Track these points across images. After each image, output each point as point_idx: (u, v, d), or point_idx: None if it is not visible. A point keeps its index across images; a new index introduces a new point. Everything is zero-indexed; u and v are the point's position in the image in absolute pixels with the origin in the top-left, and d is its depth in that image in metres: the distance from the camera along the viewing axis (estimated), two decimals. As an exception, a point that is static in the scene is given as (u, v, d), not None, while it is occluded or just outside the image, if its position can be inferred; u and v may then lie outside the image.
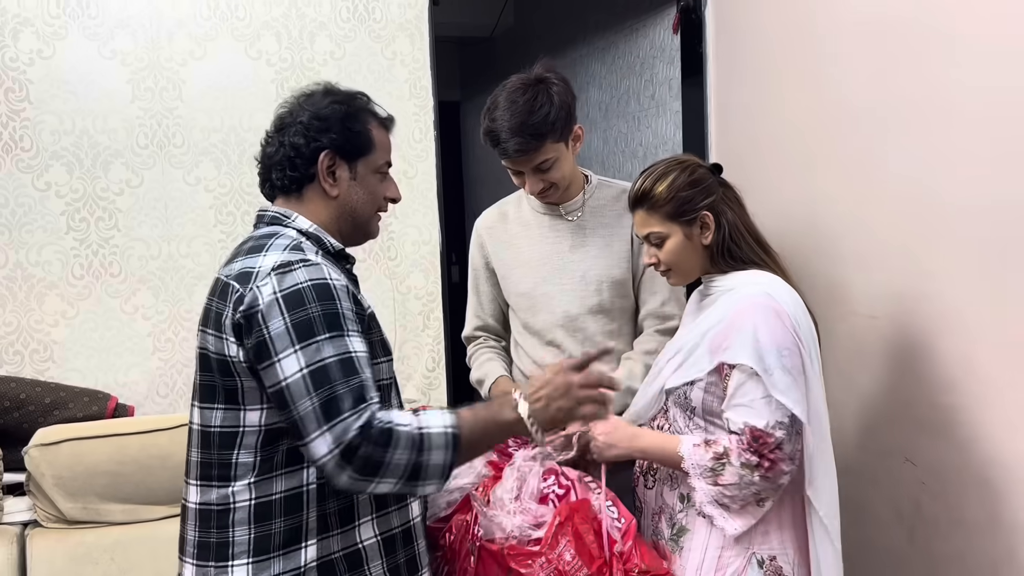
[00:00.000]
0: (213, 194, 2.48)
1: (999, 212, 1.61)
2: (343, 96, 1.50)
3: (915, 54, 1.79)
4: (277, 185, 1.48)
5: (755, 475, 1.50)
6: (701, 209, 1.62)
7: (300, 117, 1.46)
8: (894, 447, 1.92)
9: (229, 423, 1.39)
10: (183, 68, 2.43)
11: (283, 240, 1.41)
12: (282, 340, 1.30)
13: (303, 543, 1.37)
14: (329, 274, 1.36)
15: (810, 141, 2.14)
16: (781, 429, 1.50)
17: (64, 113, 2.34)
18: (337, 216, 1.49)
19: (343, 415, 1.28)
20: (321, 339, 1.30)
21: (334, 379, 1.29)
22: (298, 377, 1.28)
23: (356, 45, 2.57)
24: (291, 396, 1.29)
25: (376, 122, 1.52)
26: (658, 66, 2.93)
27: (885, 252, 1.91)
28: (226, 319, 1.35)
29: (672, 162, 1.68)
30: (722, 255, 1.64)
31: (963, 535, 1.74)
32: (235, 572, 1.37)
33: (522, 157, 1.86)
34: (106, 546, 2.17)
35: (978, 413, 1.68)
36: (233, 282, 1.37)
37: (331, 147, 1.45)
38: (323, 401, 1.28)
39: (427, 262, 2.69)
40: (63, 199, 2.36)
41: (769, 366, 1.50)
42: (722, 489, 1.53)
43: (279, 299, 1.31)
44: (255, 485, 1.37)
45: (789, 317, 1.54)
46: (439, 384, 2.69)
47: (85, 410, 2.29)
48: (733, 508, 1.54)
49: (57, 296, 2.37)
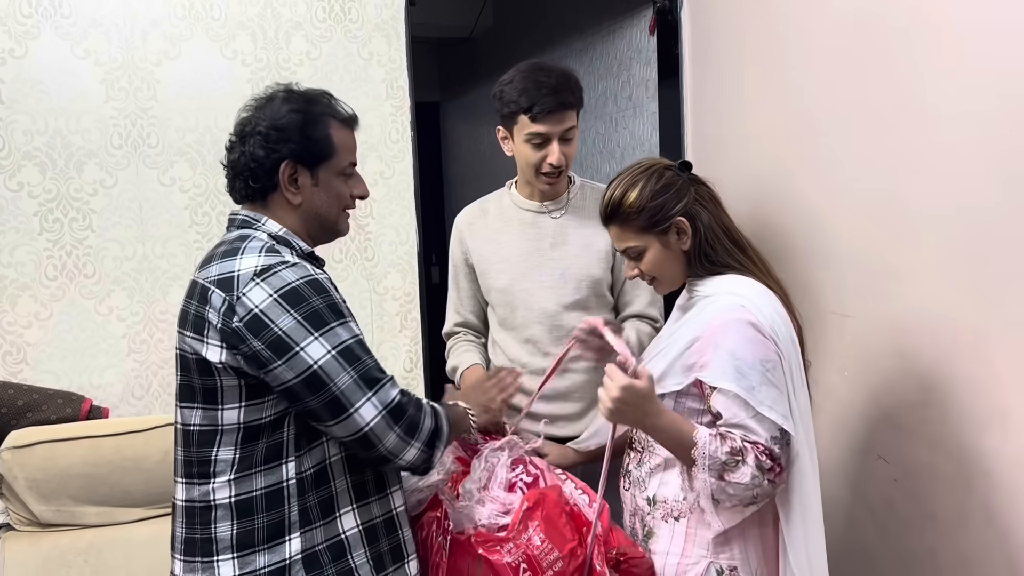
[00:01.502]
0: (188, 195, 2.46)
1: (967, 212, 1.63)
2: (302, 102, 1.50)
3: (884, 57, 1.81)
4: (241, 193, 1.50)
5: (765, 479, 1.46)
6: (674, 216, 1.57)
7: (259, 127, 1.46)
8: (866, 445, 1.94)
9: (208, 422, 1.41)
10: (158, 68, 2.42)
11: (256, 243, 1.43)
12: (298, 332, 1.34)
13: (287, 536, 1.40)
14: (313, 271, 1.41)
15: (783, 142, 2.15)
16: (775, 444, 1.48)
17: (37, 113, 2.32)
18: (304, 221, 1.51)
19: (381, 382, 1.39)
20: (335, 325, 1.37)
21: (361, 355, 1.39)
22: (329, 357, 1.35)
23: (332, 45, 2.56)
24: (327, 375, 1.35)
25: (338, 123, 1.52)
26: (635, 67, 2.94)
27: (856, 252, 1.93)
28: (209, 325, 1.37)
29: (638, 170, 1.62)
30: (699, 260, 1.59)
31: (934, 531, 1.76)
32: (221, 568, 1.39)
33: (560, 113, 1.91)
34: (80, 549, 2.15)
35: (949, 410, 1.70)
36: (214, 287, 1.38)
37: (291, 157, 1.46)
38: (361, 372, 1.37)
39: (404, 263, 2.69)
40: (36, 199, 2.33)
41: (753, 383, 1.46)
42: (725, 486, 1.46)
43: (277, 299, 1.35)
44: (235, 482, 1.39)
45: (768, 328, 1.49)
46: (416, 385, 2.69)
47: (59, 412, 2.27)
48: (727, 506, 1.51)
49: (30, 297, 2.35)
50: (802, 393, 1.55)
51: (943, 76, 1.66)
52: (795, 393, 1.52)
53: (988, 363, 1.61)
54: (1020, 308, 1.53)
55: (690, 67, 2.58)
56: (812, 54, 2.03)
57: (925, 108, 1.71)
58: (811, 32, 2.03)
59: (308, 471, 1.41)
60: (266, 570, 1.38)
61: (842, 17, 1.92)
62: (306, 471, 1.41)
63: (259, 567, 1.38)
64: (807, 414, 1.57)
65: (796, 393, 1.52)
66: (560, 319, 2.02)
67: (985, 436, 1.63)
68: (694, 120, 2.59)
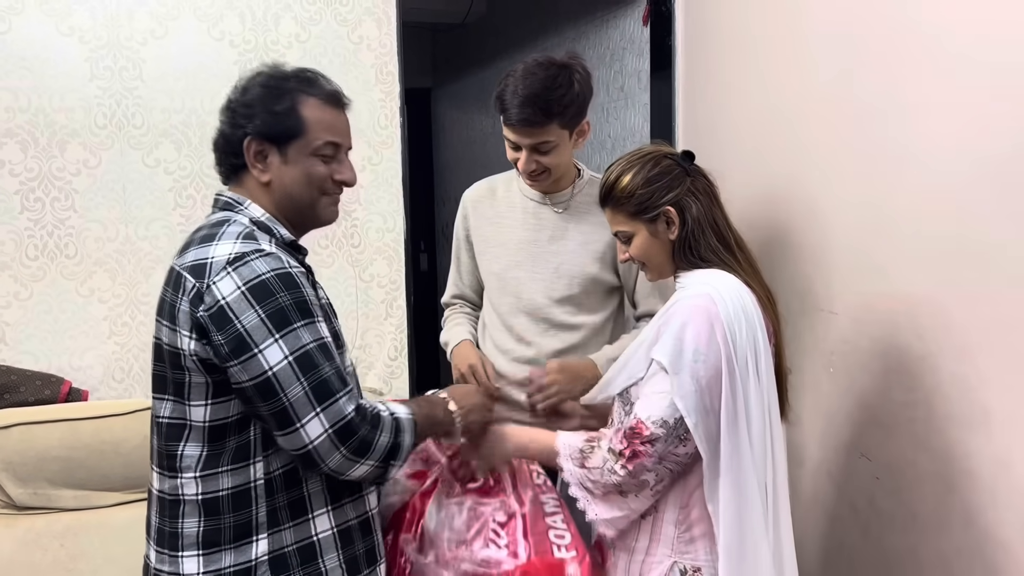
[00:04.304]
0: (173, 176, 2.43)
1: (955, 210, 1.62)
2: (276, 78, 1.44)
3: (876, 50, 1.79)
4: (220, 171, 1.47)
5: (617, 463, 1.47)
6: (663, 205, 1.56)
7: (231, 103, 1.43)
8: (850, 442, 1.93)
9: (177, 415, 1.38)
10: (143, 47, 2.38)
11: (235, 228, 1.38)
12: (259, 331, 1.29)
13: (254, 537, 1.36)
14: (288, 262, 1.35)
15: (774, 135, 2.14)
16: (662, 427, 1.45)
17: (20, 90, 2.28)
18: (277, 202, 1.44)
19: (335, 396, 1.31)
20: (298, 326, 1.31)
21: (319, 363, 1.31)
22: (284, 364, 1.29)
23: (322, 28, 2.53)
24: (279, 384, 1.29)
25: (314, 100, 1.44)
26: (628, 58, 2.92)
27: (844, 248, 1.92)
28: (180, 312, 1.33)
29: (636, 156, 1.62)
30: (683, 251, 1.58)
31: (916, 530, 1.76)
32: (186, 564, 1.37)
33: (525, 128, 1.84)
34: (56, 532, 2.13)
35: (933, 409, 1.69)
36: (187, 274, 1.34)
37: (254, 133, 1.40)
38: (314, 384, 1.30)
39: (391, 250, 2.66)
40: (17, 178, 2.30)
41: (680, 367, 1.45)
42: (587, 472, 1.52)
43: (244, 292, 1.29)
44: (201, 480, 1.36)
45: (723, 326, 1.46)
46: (401, 373, 2.67)
47: (37, 394, 2.24)
48: (596, 494, 1.52)
49: (10, 277, 2.31)
50: (756, 390, 1.48)
51: (934, 70, 1.65)
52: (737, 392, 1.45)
53: (973, 362, 1.60)
54: (1007, 308, 1.52)
55: (683, 59, 2.56)
56: (805, 47, 2.02)
57: (916, 103, 1.70)
58: (804, 25, 2.02)
59: (277, 471, 1.38)
60: (231, 570, 1.35)
61: (835, 9, 1.91)
62: (275, 471, 1.37)
63: (224, 566, 1.35)
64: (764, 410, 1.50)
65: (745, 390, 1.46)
66: (547, 312, 2.00)
67: (968, 435, 1.62)
68: (685, 112, 2.57)
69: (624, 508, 1.52)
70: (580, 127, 1.92)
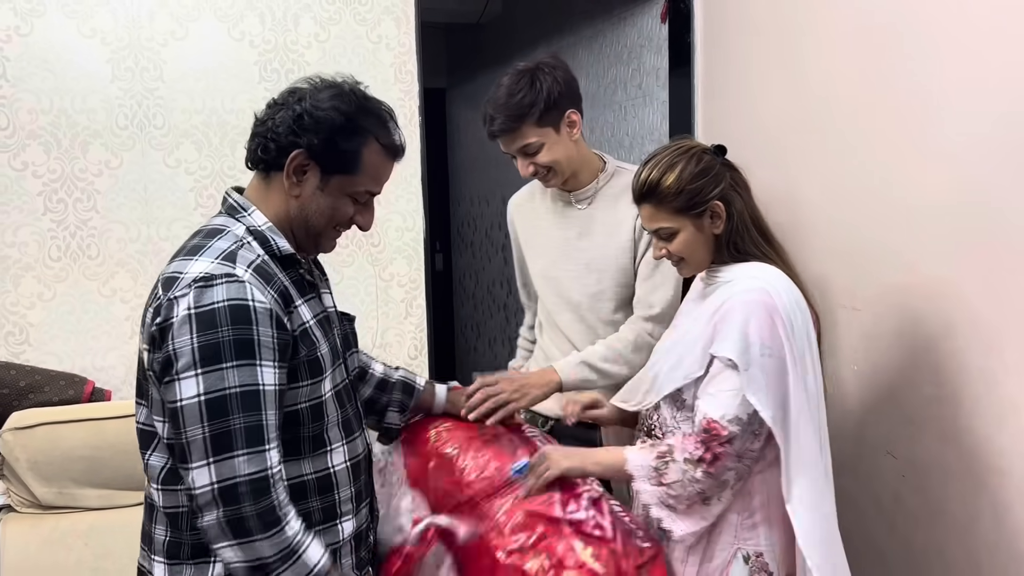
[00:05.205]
0: (194, 177, 2.44)
1: (980, 205, 1.61)
2: (352, 106, 1.37)
3: (898, 47, 1.78)
4: (251, 155, 1.40)
5: (697, 471, 1.46)
6: (711, 200, 1.56)
7: (300, 104, 1.36)
8: (876, 440, 1.92)
9: (148, 423, 1.36)
10: (164, 48, 2.39)
11: (222, 243, 1.33)
12: (185, 359, 1.22)
13: (212, 558, 1.32)
14: (252, 295, 1.27)
15: (794, 132, 2.13)
16: (737, 425, 1.46)
17: (42, 92, 2.30)
18: (292, 217, 1.39)
19: (234, 451, 1.22)
20: (227, 366, 1.23)
21: (232, 412, 1.23)
22: (194, 402, 1.22)
23: (341, 28, 2.54)
24: (183, 419, 1.23)
25: (378, 147, 1.39)
26: (646, 55, 2.91)
27: (867, 244, 1.91)
28: (145, 322, 1.30)
29: (677, 151, 1.60)
30: (728, 246, 1.58)
31: (943, 528, 1.74)
32: (155, 567, 1.37)
33: (502, 137, 1.94)
34: (81, 531, 2.14)
35: (960, 406, 1.68)
36: (160, 284, 1.30)
37: (307, 149, 1.34)
38: (215, 433, 1.22)
39: (410, 249, 2.67)
40: (40, 179, 2.31)
41: (749, 362, 1.46)
42: (667, 489, 1.48)
43: (191, 316, 1.24)
44: (163, 493, 1.34)
45: (783, 317, 1.48)
46: (421, 371, 2.67)
47: (61, 394, 2.25)
48: (680, 509, 1.50)
49: (33, 278, 2.33)
50: (812, 382, 1.52)
51: (958, 66, 1.64)
52: (800, 383, 1.49)
53: (1000, 357, 1.59)
54: (1036, 303, 1.51)
55: (702, 56, 2.55)
56: (825, 43, 2.01)
57: (939, 98, 1.69)
58: (824, 21, 2.01)
59: None
60: None
61: (858, 11, 1.90)
62: None
63: None
64: (818, 402, 1.53)
65: (805, 382, 1.49)
66: (584, 310, 2.04)
67: (997, 432, 1.61)
68: (705, 109, 2.56)
69: (708, 516, 1.52)
70: (565, 119, 1.94)
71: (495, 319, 4.61)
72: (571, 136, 1.96)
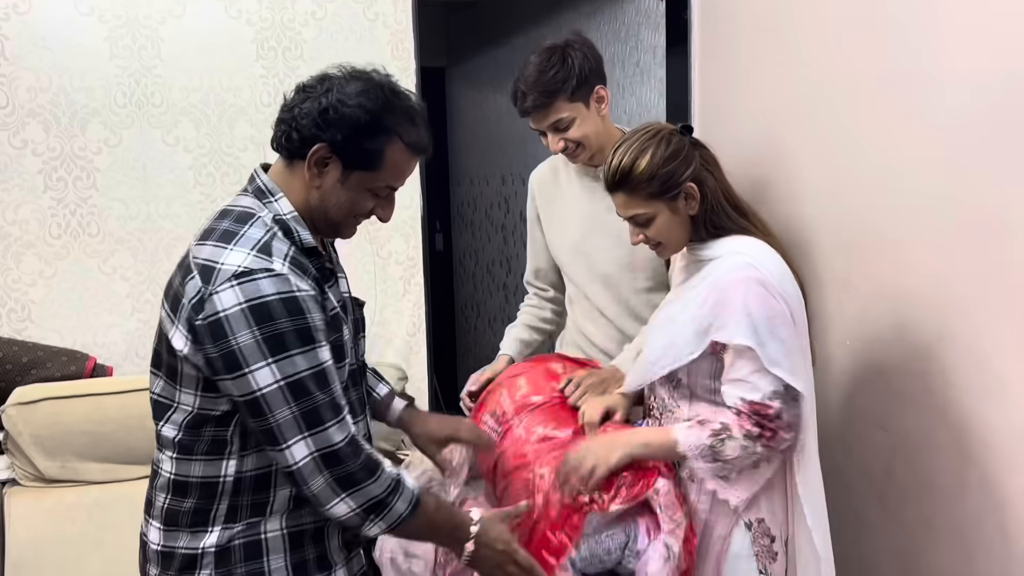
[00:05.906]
0: (192, 155, 2.46)
1: (972, 183, 1.62)
2: (381, 103, 1.35)
3: (894, 27, 1.78)
4: (276, 140, 1.40)
5: (758, 445, 1.50)
6: (684, 181, 1.56)
7: (327, 95, 1.34)
8: (866, 414, 1.94)
9: (166, 395, 1.38)
10: (162, 26, 2.40)
11: (255, 232, 1.33)
12: (253, 353, 1.26)
13: (209, 528, 1.37)
14: (297, 285, 1.31)
15: (790, 110, 2.14)
16: (777, 399, 1.50)
17: (40, 70, 2.31)
18: (313, 206, 1.40)
19: (325, 424, 1.30)
20: (294, 353, 1.28)
21: (312, 390, 1.29)
22: (275, 388, 1.27)
23: (338, 5, 2.54)
24: (268, 405, 1.27)
25: (403, 145, 1.38)
26: (643, 33, 2.91)
27: (859, 221, 1.92)
28: (183, 310, 1.31)
29: (645, 135, 1.59)
30: (705, 224, 1.60)
31: (931, 500, 1.77)
32: (151, 531, 1.41)
33: (535, 113, 1.96)
34: (85, 505, 2.18)
35: (950, 379, 1.70)
36: (196, 272, 1.31)
37: (330, 144, 1.34)
38: (304, 411, 1.29)
39: (408, 227, 2.68)
40: (40, 157, 2.33)
41: (763, 339, 1.48)
42: (723, 464, 1.52)
43: (245, 311, 1.26)
44: (176, 461, 1.38)
45: (776, 286, 1.51)
46: (419, 349, 2.70)
47: (63, 369, 2.28)
48: (731, 477, 1.54)
49: (35, 255, 2.35)
50: (806, 346, 1.58)
51: (954, 46, 1.64)
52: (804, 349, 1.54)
53: (990, 333, 1.61)
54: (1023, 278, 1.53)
55: (699, 34, 2.55)
56: (822, 23, 2.01)
57: (934, 79, 1.69)
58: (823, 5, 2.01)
59: (249, 472, 1.37)
60: (182, 551, 1.37)
61: (854, -17, 1.90)
62: (247, 472, 1.37)
63: (177, 546, 1.37)
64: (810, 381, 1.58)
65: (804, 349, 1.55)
66: (616, 279, 2.08)
67: (984, 406, 1.63)
68: (702, 87, 2.56)
69: (759, 479, 1.56)
70: (595, 94, 1.97)
71: (495, 298, 4.63)
72: (600, 111, 1.99)
